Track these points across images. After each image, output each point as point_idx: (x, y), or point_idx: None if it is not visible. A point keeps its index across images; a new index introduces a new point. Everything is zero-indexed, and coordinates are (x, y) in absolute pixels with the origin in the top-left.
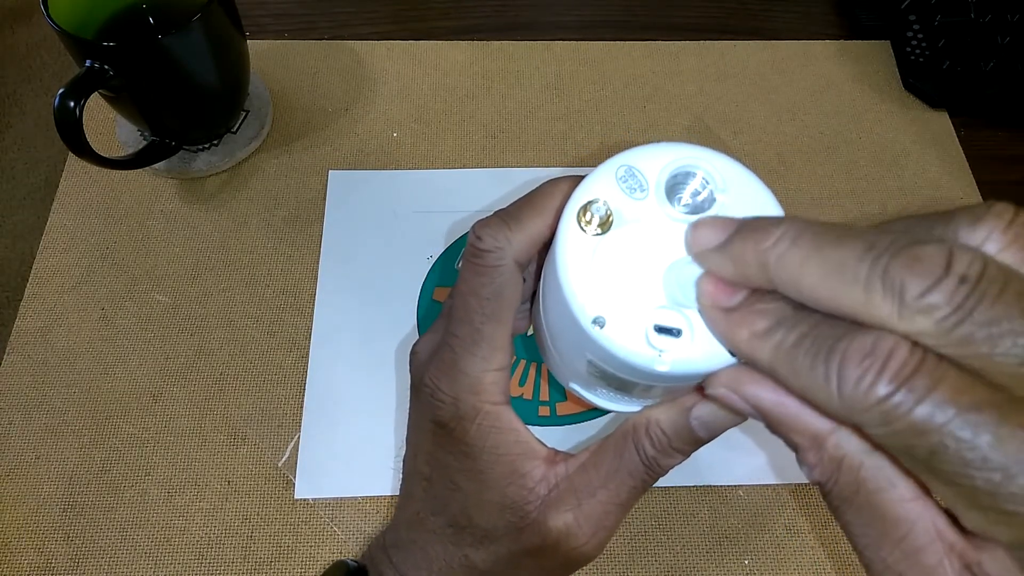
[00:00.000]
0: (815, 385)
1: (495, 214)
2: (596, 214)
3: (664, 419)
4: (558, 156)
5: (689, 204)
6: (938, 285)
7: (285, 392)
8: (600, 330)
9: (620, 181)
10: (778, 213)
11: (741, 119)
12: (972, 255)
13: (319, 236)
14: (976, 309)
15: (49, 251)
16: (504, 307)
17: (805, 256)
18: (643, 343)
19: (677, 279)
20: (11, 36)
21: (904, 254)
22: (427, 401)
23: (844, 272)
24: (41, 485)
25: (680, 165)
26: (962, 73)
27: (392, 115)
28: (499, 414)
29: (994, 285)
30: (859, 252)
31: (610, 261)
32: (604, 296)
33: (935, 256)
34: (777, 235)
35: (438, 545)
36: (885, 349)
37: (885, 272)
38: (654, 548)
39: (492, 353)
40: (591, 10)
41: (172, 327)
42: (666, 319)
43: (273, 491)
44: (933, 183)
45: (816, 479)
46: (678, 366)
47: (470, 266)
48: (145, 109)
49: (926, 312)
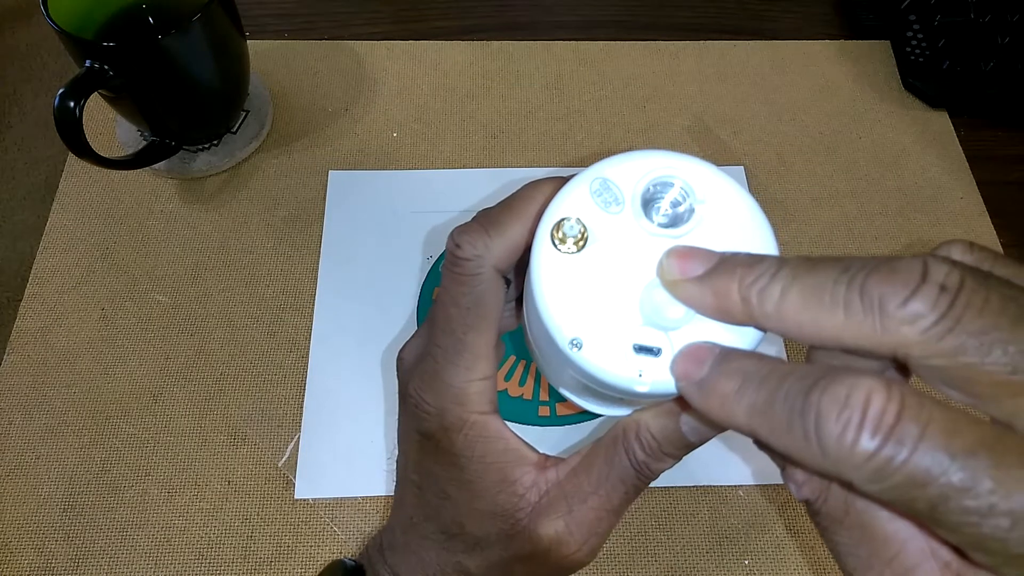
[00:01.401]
0: (797, 445)
1: (474, 219)
2: (569, 233)
3: (654, 424)
4: (558, 156)
5: (668, 215)
6: (917, 294)
7: (285, 392)
8: (578, 351)
9: (595, 195)
10: (760, 220)
11: (741, 119)
12: (948, 266)
13: (319, 236)
14: (964, 318)
15: (49, 251)
16: (486, 315)
17: (784, 288)
18: (622, 364)
19: (652, 301)
20: (11, 36)
21: (879, 269)
22: (412, 412)
23: (822, 297)
24: (41, 485)
25: (656, 177)
26: (962, 73)
27: (392, 115)
28: (486, 423)
29: (978, 294)
30: (835, 274)
31: (586, 280)
32: (581, 316)
33: (910, 267)
34: (759, 271)
35: (432, 550)
36: (861, 398)
37: (862, 289)
38: (654, 548)
39: (475, 363)
40: (591, 10)
41: (172, 327)
42: (645, 338)
43: (273, 491)
44: (933, 183)
45: (804, 497)
46: (658, 386)
47: (450, 275)
48: (145, 109)
49: (910, 322)
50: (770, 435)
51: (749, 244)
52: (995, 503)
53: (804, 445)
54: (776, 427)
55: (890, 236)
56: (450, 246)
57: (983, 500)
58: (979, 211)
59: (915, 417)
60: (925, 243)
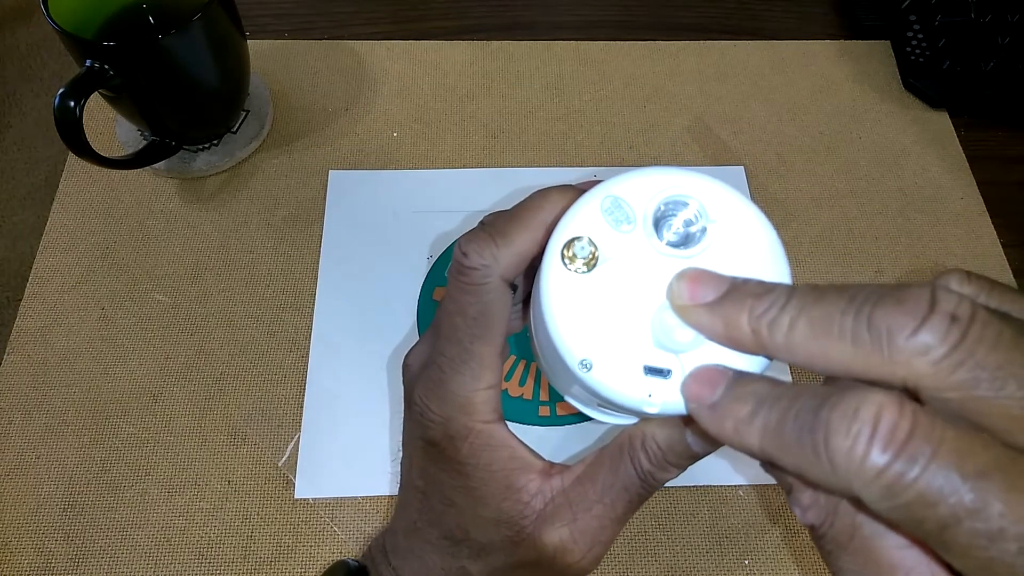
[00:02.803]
0: (807, 463)
1: (482, 228)
2: (580, 253)
3: (660, 434)
4: (558, 156)
5: (679, 235)
6: (926, 324)
7: (285, 392)
8: (588, 372)
9: (605, 213)
10: (772, 239)
11: (741, 119)
12: (958, 296)
13: (319, 236)
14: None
15: (49, 251)
16: (492, 325)
17: (792, 319)
18: (632, 385)
19: (663, 323)
20: (11, 36)
21: (886, 299)
22: (417, 419)
23: (830, 328)
24: (41, 485)
25: (668, 196)
26: (962, 73)
27: (392, 115)
28: (491, 432)
29: (990, 327)
30: (842, 305)
31: (596, 300)
32: (591, 337)
33: (918, 296)
34: (768, 302)
35: (435, 555)
36: (871, 412)
37: (870, 320)
38: (654, 548)
39: (481, 372)
40: (591, 10)
41: (172, 327)
42: (656, 359)
43: (273, 491)
44: (933, 183)
45: (810, 521)
46: (668, 407)
47: (456, 283)
48: (145, 109)
49: (921, 353)
50: (782, 454)
51: (760, 264)
52: (1005, 527)
53: (814, 461)
54: (787, 445)
55: (890, 236)
56: (457, 255)
57: (993, 523)
58: (979, 211)
59: (927, 435)
60: (925, 243)
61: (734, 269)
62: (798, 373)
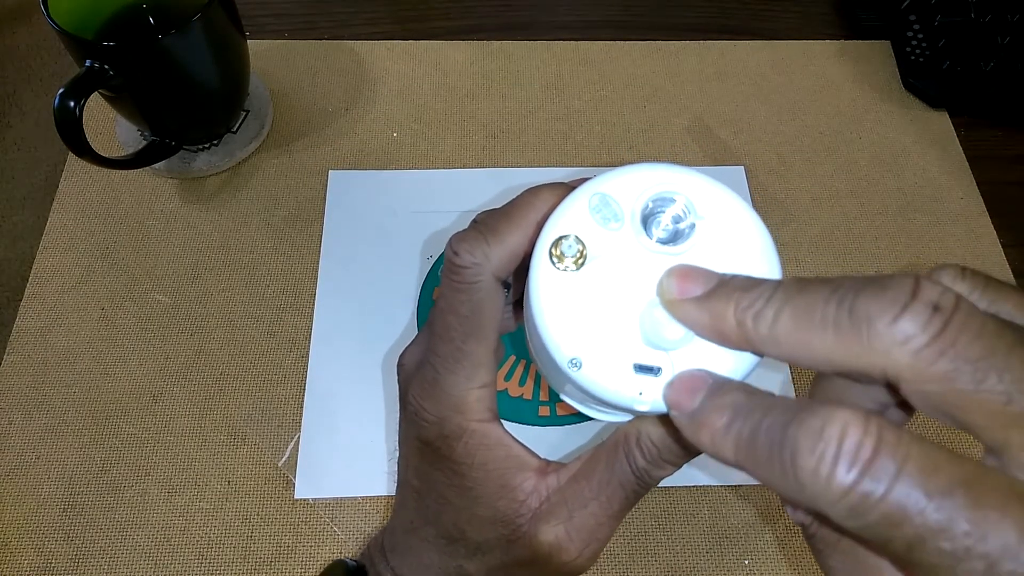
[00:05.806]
0: (776, 479)
1: (473, 227)
2: (567, 252)
3: (655, 431)
4: (558, 156)
5: (668, 232)
6: (907, 312)
7: (285, 392)
8: (578, 371)
9: (593, 211)
10: (762, 234)
11: (741, 119)
12: (941, 287)
13: (319, 236)
14: (959, 341)
15: (49, 251)
16: (485, 323)
17: (777, 310)
18: (623, 383)
19: (652, 321)
20: (11, 36)
21: (868, 287)
22: (412, 419)
23: (812, 317)
24: (41, 485)
25: (656, 193)
26: (962, 73)
27: (392, 115)
28: (486, 431)
29: (973, 318)
30: (825, 294)
31: (585, 298)
32: (581, 336)
33: (900, 284)
34: (754, 295)
35: (433, 554)
36: (836, 430)
37: (851, 308)
38: (654, 548)
39: (475, 371)
40: (591, 10)
41: (172, 327)
42: (646, 357)
43: (273, 491)
44: (933, 183)
45: (800, 521)
46: (659, 405)
47: (448, 282)
48: (145, 109)
49: (901, 342)
50: (754, 468)
51: (750, 259)
52: (970, 546)
53: (782, 479)
54: (759, 460)
55: (890, 236)
56: (448, 253)
57: (959, 542)
58: (979, 211)
59: (892, 453)
60: (925, 243)
61: (723, 265)
62: (798, 373)
